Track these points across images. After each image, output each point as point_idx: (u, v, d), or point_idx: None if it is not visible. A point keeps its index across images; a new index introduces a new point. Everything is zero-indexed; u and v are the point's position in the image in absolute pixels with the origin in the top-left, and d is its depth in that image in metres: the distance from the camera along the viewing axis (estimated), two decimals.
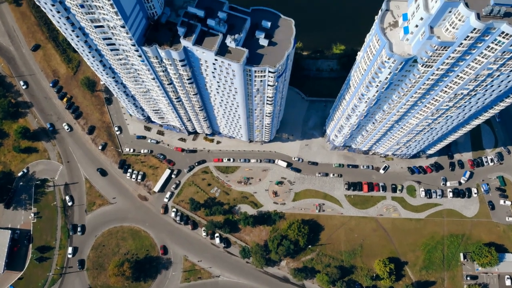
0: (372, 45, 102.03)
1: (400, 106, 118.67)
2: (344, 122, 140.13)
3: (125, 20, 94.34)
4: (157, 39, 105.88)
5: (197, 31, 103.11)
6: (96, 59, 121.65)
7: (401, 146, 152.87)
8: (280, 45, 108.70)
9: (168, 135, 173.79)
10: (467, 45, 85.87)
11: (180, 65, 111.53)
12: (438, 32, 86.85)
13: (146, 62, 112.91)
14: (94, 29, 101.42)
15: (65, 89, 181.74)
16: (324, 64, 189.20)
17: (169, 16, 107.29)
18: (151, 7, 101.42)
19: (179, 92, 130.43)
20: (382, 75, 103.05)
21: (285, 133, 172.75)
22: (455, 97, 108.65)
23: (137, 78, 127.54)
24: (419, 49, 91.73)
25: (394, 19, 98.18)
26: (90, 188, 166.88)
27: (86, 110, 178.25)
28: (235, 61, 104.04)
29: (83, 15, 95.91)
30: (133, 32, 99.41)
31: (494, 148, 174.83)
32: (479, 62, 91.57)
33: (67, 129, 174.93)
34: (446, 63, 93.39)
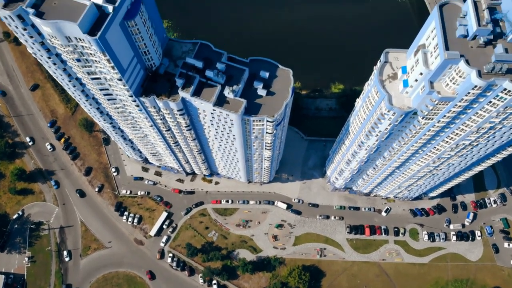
0: (371, 96, 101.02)
1: (401, 154, 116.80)
2: (344, 166, 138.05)
3: (122, 74, 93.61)
4: (155, 90, 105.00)
5: (196, 82, 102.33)
6: (93, 107, 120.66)
7: (402, 190, 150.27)
8: (278, 94, 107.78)
9: (166, 176, 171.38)
10: (468, 100, 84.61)
11: (178, 114, 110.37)
12: (438, 87, 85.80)
13: (144, 111, 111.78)
14: (91, 80, 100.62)
15: (63, 129, 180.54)
16: (323, 103, 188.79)
17: (168, 67, 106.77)
18: (149, 59, 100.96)
19: (177, 137, 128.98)
20: (382, 126, 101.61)
21: (285, 173, 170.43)
22: (457, 147, 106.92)
23: (135, 125, 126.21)
24: (419, 103, 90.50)
25: (393, 71, 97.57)
26: (86, 231, 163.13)
27: (84, 150, 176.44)
28: (233, 112, 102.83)
29: (79, 68, 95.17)
30: (130, 84, 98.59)
31: (497, 189, 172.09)
32: (480, 116, 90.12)
33: (49, 148, 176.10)
34: (447, 116, 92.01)
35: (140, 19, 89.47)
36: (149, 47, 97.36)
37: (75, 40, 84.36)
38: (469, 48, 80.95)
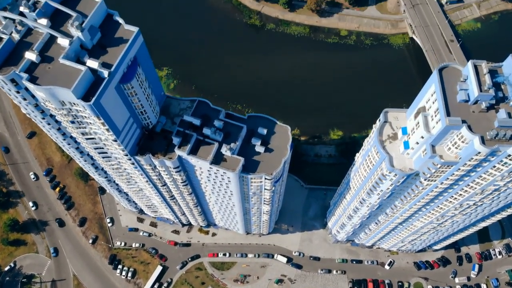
0: (371, 155, 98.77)
1: (404, 211, 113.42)
2: (346, 221, 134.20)
3: (117, 135, 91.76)
4: (151, 148, 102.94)
5: (192, 141, 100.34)
6: (88, 162, 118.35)
7: (406, 243, 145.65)
8: (276, 151, 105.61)
9: (161, 227, 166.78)
10: (472, 165, 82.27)
11: (175, 171, 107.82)
12: (440, 151, 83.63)
13: (139, 168, 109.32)
14: (86, 140, 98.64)
15: (58, 178, 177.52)
16: (322, 150, 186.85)
17: (165, 124, 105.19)
18: (146, 118, 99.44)
19: (173, 192, 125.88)
20: (383, 185, 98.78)
21: (285, 224, 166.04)
22: (461, 206, 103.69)
23: (130, 180, 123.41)
24: (421, 166, 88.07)
25: (393, 131, 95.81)
26: (78, 285, 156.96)
27: (79, 200, 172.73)
28: (231, 170, 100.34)
29: (73, 129, 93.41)
30: (125, 144, 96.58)
31: (502, 239, 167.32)
32: (485, 179, 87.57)
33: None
34: (450, 179, 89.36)
35: (136, 82, 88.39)
36: (146, 107, 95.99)
37: (69, 104, 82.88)
38: (470, 113, 79.39)
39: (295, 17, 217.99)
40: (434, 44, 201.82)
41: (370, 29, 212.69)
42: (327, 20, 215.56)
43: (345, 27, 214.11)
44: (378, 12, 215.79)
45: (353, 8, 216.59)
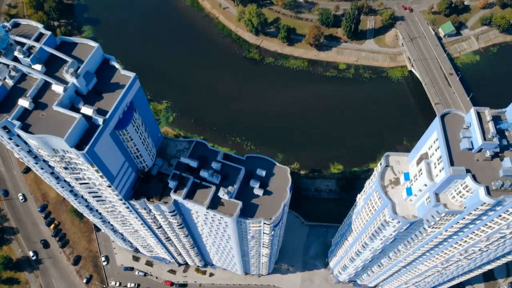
0: (373, 200, 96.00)
1: (407, 255, 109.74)
2: (348, 263, 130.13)
3: (112, 181, 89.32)
4: (147, 192, 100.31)
5: (189, 184, 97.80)
6: (82, 204, 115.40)
7: (410, 286, 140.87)
8: (275, 194, 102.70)
9: (157, 266, 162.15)
10: (477, 214, 79.47)
11: (170, 215, 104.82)
12: (445, 199, 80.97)
13: (134, 212, 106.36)
14: (79, 185, 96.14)
15: (53, 214, 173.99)
16: (322, 184, 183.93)
17: (161, 167, 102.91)
18: (141, 162, 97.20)
19: (168, 234, 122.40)
20: (386, 231, 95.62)
21: (285, 264, 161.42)
22: (466, 252, 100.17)
23: (125, 222, 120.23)
24: (425, 213, 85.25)
25: (395, 176, 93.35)
26: None
27: (73, 237, 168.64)
28: (228, 215, 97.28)
29: (67, 174, 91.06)
30: (119, 189, 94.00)
31: (507, 277, 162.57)
32: (490, 227, 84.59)
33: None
34: (454, 227, 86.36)
35: (132, 127, 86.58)
36: (141, 151, 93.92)
37: (62, 151, 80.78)
38: (475, 161, 77.19)
39: (293, 51, 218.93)
40: (433, 77, 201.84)
41: (368, 63, 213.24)
42: (326, 54, 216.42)
43: (344, 60, 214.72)
44: (376, 46, 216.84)
45: (351, 41, 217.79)
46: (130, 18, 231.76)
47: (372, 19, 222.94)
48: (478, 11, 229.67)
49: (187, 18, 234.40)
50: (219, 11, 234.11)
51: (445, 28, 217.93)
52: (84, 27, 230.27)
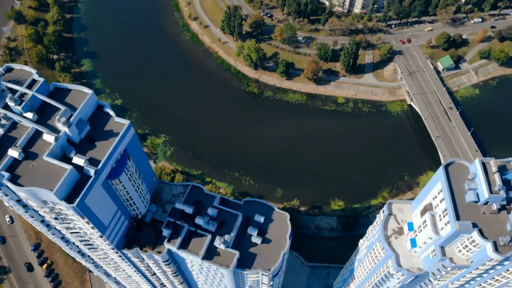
0: (376, 249, 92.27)
1: None
2: None
3: (103, 232, 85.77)
4: (140, 240, 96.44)
5: (183, 233, 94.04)
6: (74, 250, 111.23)
7: None
8: (274, 242, 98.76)
9: None
10: (484, 269, 75.72)
11: (164, 264, 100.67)
12: (451, 252, 77.46)
13: (127, 260, 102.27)
14: (70, 234, 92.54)
15: (46, 253, 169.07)
16: (323, 222, 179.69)
17: (155, 213, 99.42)
18: (134, 209, 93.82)
19: (163, 281, 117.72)
20: (390, 283, 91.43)
21: None
22: None
23: (118, 268, 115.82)
24: (430, 266, 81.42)
25: (398, 225, 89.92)
26: None
27: (66, 278, 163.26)
28: (224, 266, 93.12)
29: (57, 224, 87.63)
30: (111, 239, 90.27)
31: None
32: (498, 281, 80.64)
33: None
34: (461, 280, 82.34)
35: (125, 176, 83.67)
36: (135, 198, 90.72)
37: (52, 203, 77.65)
38: (481, 214, 74.03)
39: (292, 85, 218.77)
40: (433, 111, 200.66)
41: (367, 97, 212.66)
42: (324, 88, 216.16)
43: (342, 94, 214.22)
44: (375, 80, 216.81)
45: (350, 76, 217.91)
46: (130, 52, 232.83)
47: (371, 54, 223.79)
48: (476, 44, 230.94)
49: (187, 52, 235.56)
50: (219, 46, 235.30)
51: (443, 62, 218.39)
52: (84, 61, 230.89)
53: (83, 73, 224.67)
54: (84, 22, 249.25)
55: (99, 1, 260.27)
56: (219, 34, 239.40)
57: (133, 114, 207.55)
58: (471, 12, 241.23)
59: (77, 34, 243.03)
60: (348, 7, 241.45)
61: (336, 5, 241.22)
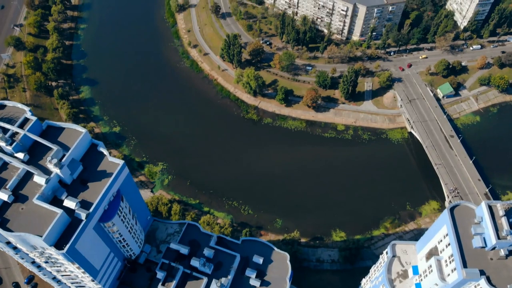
0: None
1: None
2: None
3: (95, 276, 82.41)
4: (133, 283, 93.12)
5: (178, 275, 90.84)
6: None
7: None
8: (274, 285, 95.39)
9: None
10: None
11: None
12: None
13: None
14: (62, 276, 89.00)
15: (40, 286, 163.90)
16: (324, 254, 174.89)
17: (149, 253, 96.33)
18: (128, 250, 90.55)
19: None
20: None
21: None
22: None
23: None
24: None
25: (402, 268, 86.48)
26: None
27: None
28: None
29: (48, 267, 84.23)
30: (103, 283, 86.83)
31: None
32: None
33: None
34: None
35: (118, 217, 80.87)
36: (128, 240, 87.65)
37: (42, 248, 74.60)
38: (488, 260, 71.02)
39: (291, 112, 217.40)
40: (433, 139, 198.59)
41: (367, 124, 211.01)
42: (323, 115, 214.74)
43: (342, 121, 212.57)
44: (374, 107, 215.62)
45: (349, 103, 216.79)
46: (129, 79, 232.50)
47: (370, 81, 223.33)
48: (476, 71, 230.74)
49: (186, 79, 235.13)
50: (218, 73, 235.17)
51: (443, 89, 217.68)
52: (82, 88, 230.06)
53: (81, 100, 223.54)
54: (83, 49, 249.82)
55: (99, 28, 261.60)
56: (218, 61, 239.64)
57: (131, 142, 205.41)
58: (470, 39, 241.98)
59: (77, 60, 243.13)
60: (346, 35, 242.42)
61: (334, 33, 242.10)
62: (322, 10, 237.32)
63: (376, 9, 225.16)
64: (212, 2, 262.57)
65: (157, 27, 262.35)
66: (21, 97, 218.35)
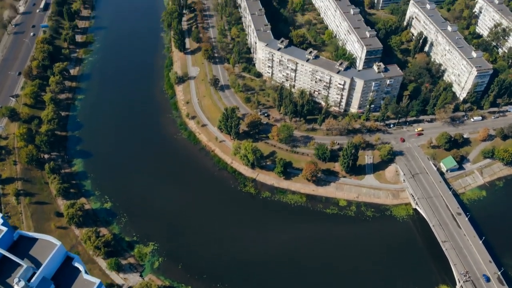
0: None
1: None
2: None
3: None
4: None
5: None
6: None
7: None
8: None
9: None
10: None
11: None
12: None
13: None
14: None
15: None
16: None
17: None
18: None
19: None
20: None
21: None
22: None
23: None
24: None
25: None
26: None
27: None
28: None
29: None
30: None
31: None
32: None
33: None
34: None
35: None
36: None
37: None
38: None
39: (290, 185, 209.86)
40: (440, 217, 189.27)
41: (370, 199, 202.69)
42: (324, 189, 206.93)
43: (344, 196, 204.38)
44: (376, 181, 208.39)
45: (350, 176, 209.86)
46: (124, 151, 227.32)
47: (370, 154, 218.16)
48: (478, 143, 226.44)
49: (183, 151, 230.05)
50: (215, 144, 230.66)
51: (446, 163, 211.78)
52: (75, 160, 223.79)
53: (73, 174, 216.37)
54: (79, 120, 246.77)
55: (97, 99, 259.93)
56: (216, 132, 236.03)
57: (122, 219, 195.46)
58: (470, 110, 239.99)
59: (72, 132, 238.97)
60: (344, 107, 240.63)
61: (332, 105, 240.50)
62: (319, 83, 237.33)
63: (373, 83, 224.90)
64: (211, 75, 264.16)
65: (156, 99, 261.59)
66: (11, 171, 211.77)
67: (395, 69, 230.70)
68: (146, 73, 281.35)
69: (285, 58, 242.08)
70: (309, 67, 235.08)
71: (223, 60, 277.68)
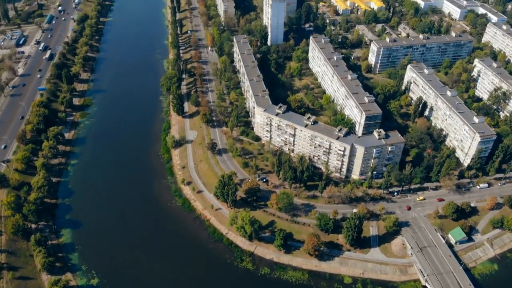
0: None
1: None
2: None
3: None
4: None
5: None
6: None
7: None
8: None
9: None
10: None
11: None
12: None
13: None
14: None
15: None
16: None
17: None
18: None
19: None
20: None
21: None
22: None
23: None
24: None
25: None
26: None
27: None
28: None
29: None
30: None
31: None
32: None
33: None
34: None
35: None
36: None
37: None
38: None
39: (291, 260, 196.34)
40: None
41: (377, 276, 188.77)
42: (328, 265, 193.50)
43: (349, 273, 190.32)
44: (383, 255, 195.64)
45: (354, 250, 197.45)
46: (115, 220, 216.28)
47: (375, 225, 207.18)
48: (487, 212, 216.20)
49: (177, 220, 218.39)
50: (211, 213, 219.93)
51: (455, 235, 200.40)
52: (64, 231, 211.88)
53: (60, 245, 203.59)
54: (71, 186, 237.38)
55: (91, 165, 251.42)
56: (212, 199, 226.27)
57: None
58: (475, 177, 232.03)
59: (62, 199, 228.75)
60: (345, 173, 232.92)
61: (333, 171, 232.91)
62: (319, 148, 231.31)
63: (375, 150, 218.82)
64: (209, 139, 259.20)
65: (151, 164, 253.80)
66: None
67: (396, 135, 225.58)
68: (143, 136, 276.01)
69: (283, 123, 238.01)
70: (308, 132, 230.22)
71: (221, 123, 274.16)
